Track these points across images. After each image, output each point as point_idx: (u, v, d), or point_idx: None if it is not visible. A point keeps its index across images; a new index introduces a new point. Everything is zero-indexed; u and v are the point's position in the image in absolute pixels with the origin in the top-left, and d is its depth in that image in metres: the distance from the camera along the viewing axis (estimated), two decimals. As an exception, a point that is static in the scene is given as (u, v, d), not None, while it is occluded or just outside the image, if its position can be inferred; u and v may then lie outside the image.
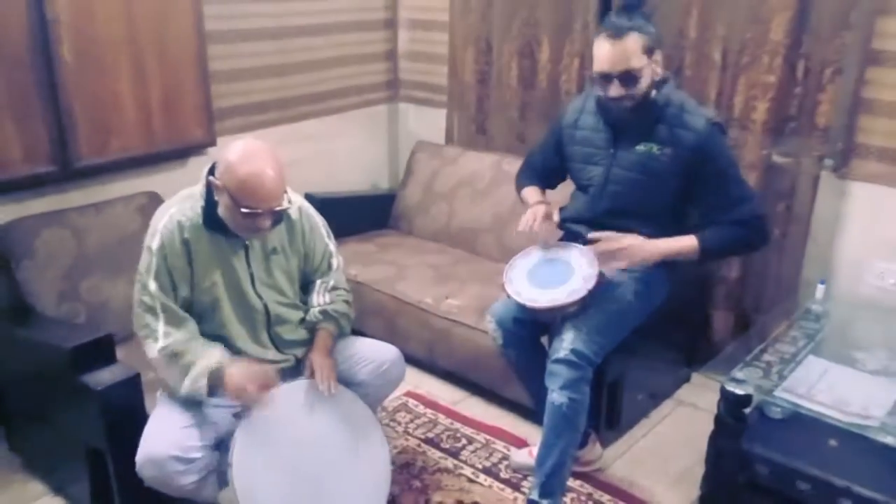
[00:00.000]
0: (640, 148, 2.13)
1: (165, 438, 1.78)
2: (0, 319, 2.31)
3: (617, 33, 2.02)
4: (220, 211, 1.83)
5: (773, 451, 1.93)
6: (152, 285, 1.83)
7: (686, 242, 2.09)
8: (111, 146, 2.56)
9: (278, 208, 1.81)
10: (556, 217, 2.27)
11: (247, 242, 1.93)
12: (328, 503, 1.89)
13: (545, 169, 2.43)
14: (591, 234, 2.13)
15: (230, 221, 1.83)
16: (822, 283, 2.42)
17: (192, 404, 1.85)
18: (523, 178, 2.47)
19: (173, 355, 1.82)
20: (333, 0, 3.37)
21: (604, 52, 2.03)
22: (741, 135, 2.66)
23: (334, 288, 2.10)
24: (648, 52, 2.03)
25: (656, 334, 2.50)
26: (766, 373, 2.04)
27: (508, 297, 2.14)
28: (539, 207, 2.24)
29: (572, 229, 2.30)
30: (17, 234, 2.31)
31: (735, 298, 2.85)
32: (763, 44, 2.55)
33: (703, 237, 2.09)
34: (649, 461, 2.44)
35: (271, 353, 2.01)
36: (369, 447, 1.99)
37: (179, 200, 1.91)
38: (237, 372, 1.82)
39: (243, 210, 1.76)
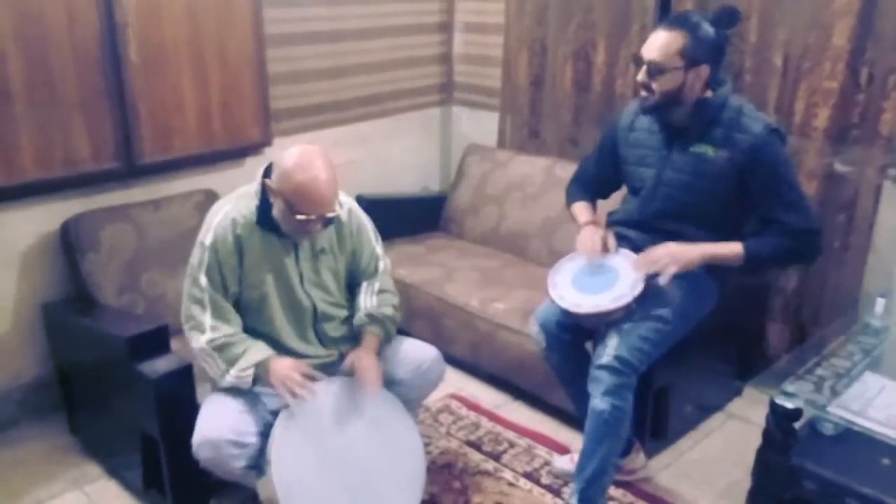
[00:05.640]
0: (695, 150, 2.10)
1: (223, 422, 1.84)
2: (65, 309, 2.43)
3: (668, 23, 2.03)
4: (275, 213, 1.88)
5: (822, 467, 1.87)
6: (203, 279, 1.90)
7: (730, 248, 2.06)
8: (172, 145, 2.66)
9: (330, 214, 1.86)
10: (611, 243, 2.20)
11: (296, 242, 1.98)
12: (363, 499, 1.92)
13: (598, 176, 2.39)
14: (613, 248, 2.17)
15: (283, 224, 1.88)
16: (882, 296, 2.33)
17: (245, 391, 1.92)
18: (574, 191, 2.44)
19: (220, 347, 1.88)
20: (389, 3, 3.42)
21: (651, 36, 2.05)
22: (802, 142, 2.60)
23: (381, 291, 2.13)
24: (689, 59, 1.99)
25: (707, 345, 2.45)
26: (819, 387, 1.97)
27: (552, 301, 2.13)
28: (595, 233, 2.21)
29: (622, 233, 2.27)
30: (84, 227, 2.42)
31: (792, 311, 2.77)
32: (825, 49, 2.48)
33: (749, 245, 2.05)
34: (695, 474, 2.39)
35: (316, 349, 2.05)
36: (405, 447, 2.02)
37: (235, 198, 1.98)
38: (283, 363, 1.89)
39: (297, 216, 1.82)
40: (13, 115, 2.28)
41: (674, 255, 2.04)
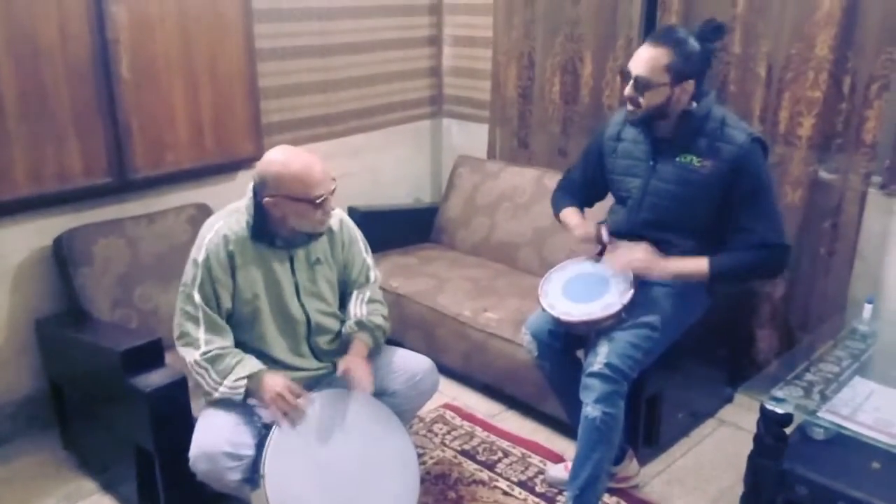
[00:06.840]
0: (680, 160, 2.13)
1: (219, 434, 1.85)
2: (58, 323, 2.43)
3: (655, 39, 2.06)
4: (293, 224, 1.91)
5: (813, 471, 1.89)
6: (197, 296, 1.91)
7: (695, 264, 2.09)
8: (165, 159, 2.68)
9: (333, 185, 1.93)
10: (605, 236, 2.24)
11: (291, 253, 1.99)
12: None
13: (585, 184, 2.41)
14: (606, 238, 2.19)
15: (307, 224, 1.92)
16: (870, 301, 2.36)
17: (239, 404, 1.92)
18: (560, 198, 2.45)
19: (213, 359, 1.89)
20: (379, 18, 3.45)
21: (638, 51, 2.09)
22: (786, 151, 2.63)
23: (371, 301, 2.15)
24: (675, 74, 2.02)
25: (698, 352, 2.48)
26: (808, 392, 2.00)
27: (543, 310, 2.15)
28: (588, 225, 2.26)
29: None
30: (77, 242, 2.43)
31: (780, 317, 2.80)
32: (808, 59, 2.52)
33: (715, 260, 2.07)
34: (688, 480, 2.41)
35: (309, 363, 2.06)
36: (399, 458, 2.02)
37: (226, 215, 2.00)
38: (276, 380, 1.90)
39: (318, 200, 1.86)
40: (6, 131, 2.29)
41: (645, 269, 2.11)
